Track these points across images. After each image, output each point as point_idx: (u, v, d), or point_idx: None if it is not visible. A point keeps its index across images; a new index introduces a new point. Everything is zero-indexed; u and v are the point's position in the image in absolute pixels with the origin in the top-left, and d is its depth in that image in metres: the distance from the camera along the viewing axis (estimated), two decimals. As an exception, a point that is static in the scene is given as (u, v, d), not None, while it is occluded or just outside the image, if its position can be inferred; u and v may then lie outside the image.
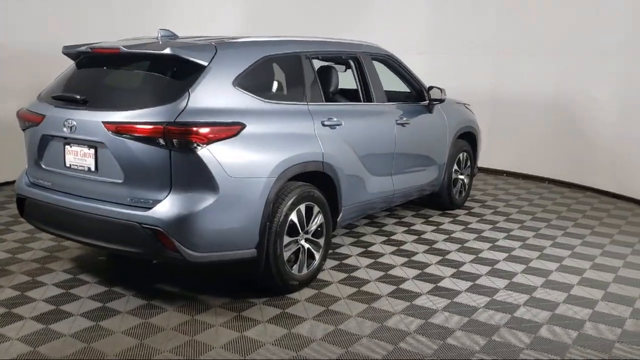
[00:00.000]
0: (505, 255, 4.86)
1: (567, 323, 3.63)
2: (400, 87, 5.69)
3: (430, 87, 5.50)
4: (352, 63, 4.91)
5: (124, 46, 3.73)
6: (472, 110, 6.67)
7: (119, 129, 3.42)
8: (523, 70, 7.77)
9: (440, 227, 5.61)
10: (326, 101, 4.41)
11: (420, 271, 4.43)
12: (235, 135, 3.50)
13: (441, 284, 4.20)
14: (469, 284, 4.21)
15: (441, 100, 5.49)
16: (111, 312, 3.62)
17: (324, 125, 4.18)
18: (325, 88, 4.57)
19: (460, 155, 6.16)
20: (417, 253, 4.84)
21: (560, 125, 7.47)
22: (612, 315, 3.76)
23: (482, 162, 8.25)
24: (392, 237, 5.21)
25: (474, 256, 4.80)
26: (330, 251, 4.63)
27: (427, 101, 5.50)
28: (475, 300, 3.92)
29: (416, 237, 5.27)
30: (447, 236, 5.32)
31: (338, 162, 4.24)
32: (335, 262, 4.53)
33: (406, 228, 5.52)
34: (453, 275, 4.36)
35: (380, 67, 5.29)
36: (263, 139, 3.67)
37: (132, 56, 3.82)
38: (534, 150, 7.79)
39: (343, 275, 4.29)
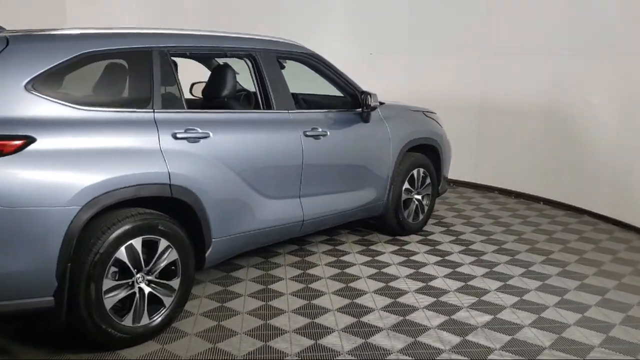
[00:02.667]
0: (435, 314, 3.91)
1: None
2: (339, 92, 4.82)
3: (363, 93, 4.58)
4: (247, 62, 4.07)
5: None
6: (439, 118, 5.70)
7: None
8: (514, 71, 6.69)
9: (376, 258, 4.68)
10: (198, 107, 3.60)
11: (308, 321, 3.55)
12: (14, 152, 2.74)
13: (327, 340, 3.32)
14: (360, 342, 3.31)
15: (373, 108, 4.56)
16: None
17: (177, 138, 3.36)
18: (214, 91, 3.77)
19: (415, 171, 5.20)
20: (322, 295, 3.95)
21: (556, 134, 6.36)
22: None
23: (470, 176, 7.26)
24: (309, 271, 4.33)
25: (391, 301, 3.87)
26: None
27: (362, 109, 4.59)
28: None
29: (338, 271, 4.37)
30: (375, 271, 4.39)
31: (199, 184, 3.41)
32: (218, 289, 3.73)
33: (334, 259, 4.63)
34: (347, 331, 3.47)
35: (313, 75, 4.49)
36: (63, 156, 2.88)
37: None
38: (529, 165, 6.69)
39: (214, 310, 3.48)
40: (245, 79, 4.42)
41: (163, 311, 3.29)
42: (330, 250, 4.86)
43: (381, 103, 5.09)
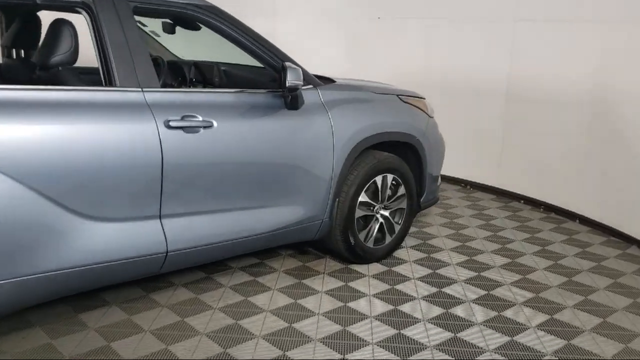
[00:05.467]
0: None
1: None
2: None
3: (284, 67, 3.15)
4: (85, 18, 2.76)
5: None
6: (427, 106, 4.21)
7: None
8: (551, 44, 5.02)
9: (299, 301, 3.32)
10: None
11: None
12: None
13: None
14: None
15: (290, 89, 3.14)
16: None
17: None
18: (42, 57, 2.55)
19: (379, 178, 3.76)
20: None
21: (604, 134, 4.67)
22: None
23: (491, 180, 5.70)
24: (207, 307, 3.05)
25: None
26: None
27: (283, 90, 3.19)
28: None
29: (232, 323, 3.06)
30: (297, 313, 3.04)
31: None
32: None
33: (240, 299, 3.31)
34: None
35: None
36: None
37: None
38: (566, 170, 5.04)
39: None
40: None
41: None
42: (247, 282, 3.54)
43: (329, 81, 3.67)
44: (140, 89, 2.75)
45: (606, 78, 4.61)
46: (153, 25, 4.31)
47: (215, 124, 2.92)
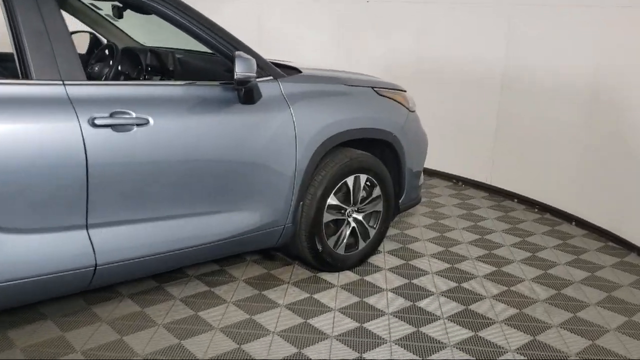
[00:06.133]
0: None
1: None
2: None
3: (234, 57, 2.78)
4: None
5: None
6: (408, 99, 3.85)
7: None
8: (549, 29, 4.62)
9: (255, 317, 3.00)
10: None
11: None
12: None
13: None
14: None
15: (241, 82, 2.78)
16: None
17: None
18: None
19: (350, 179, 3.41)
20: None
21: (603, 130, 4.29)
22: None
23: (484, 176, 5.35)
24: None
25: None
26: None
27: (235, 82, 2.83)
28: None
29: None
30: (251, 332, 2.73)
31: None
32: None
33: (189, 315, 3.00)
34: None
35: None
36: None
37: None
38: (564, 169, 4.67)
39: None
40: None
41: None
42: (201, 294, 3.23)
43: (295, 71, 3.33)
44: (61, 82, 2.41)
45: (609, 68, 4.22)
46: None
47: (151, 121, 2.58)
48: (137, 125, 2.54)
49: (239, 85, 2.79)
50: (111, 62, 3.50)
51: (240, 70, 2.70)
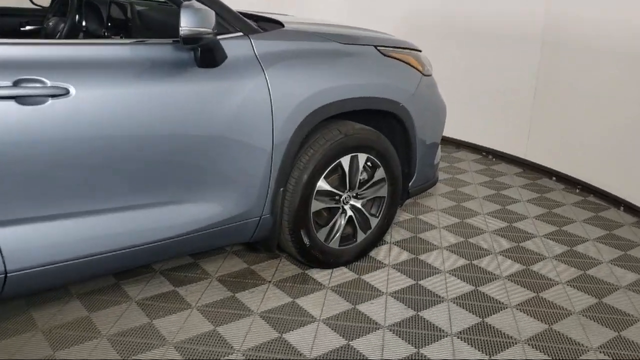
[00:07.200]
0: None
1: None
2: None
3: (182, 6, 2.16)
4: None
5: None
6: (422, 61, 3.18)
7: None
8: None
9: (220, 329, 2.48)
10: None
11: None
12: None
13: None
14: None
15: (189, 39, 2.17)
16: None
17: None
18: None
19: (346, 159, 2.81)
20: None
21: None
22: None
23: (519, 150, 4.69)
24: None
25: None
26: None
27: (180, 40, 2.20)
28: None
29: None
30: (184, 371, 2.22)
31: None
32: None
33: (142, 323, 2.49)
34: None
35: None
36: None
37: None
38: (612, 144, 3.94)
39: None
40: None
41: None
42: (163, 295, 2.71)
43: (276, 26, 2.71)
44: None
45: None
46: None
47: (72, 91, 2.01)
48: (53, 96, 1.98)
49: (186, 44, 2.18)
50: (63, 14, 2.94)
51: (187, 23, 2.09)
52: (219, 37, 2.34)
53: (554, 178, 4.41)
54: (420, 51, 3.22)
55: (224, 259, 3.05)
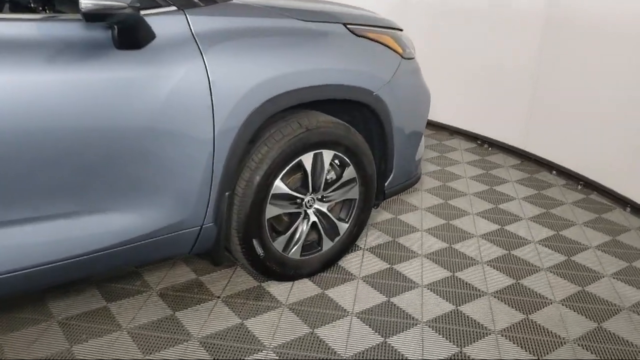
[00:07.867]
0: None
1: None
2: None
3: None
4: None
5: None
6: (403, 42, 2.75)
7: None
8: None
9: (151, 358, 2.10)
10: None
11: None
12: None
13: None
14: None
15: (98, 15, 1.76)
16: None
17: None
18: None
19: (308, 157, 2.40)
20: None
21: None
22: None
23: (518, 140, 4.28)
24: None
25: None
26: None
27: (82, 16, 1.78)
28: None
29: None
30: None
31: None
32: None
33: (61, 349, 2.12)
34: None
35: None
36: None
37: None
38: (620, 136, 3.51)
39: None
40: None
41: None
42: (88, 314, 2.34)
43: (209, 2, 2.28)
44: None
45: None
46: None
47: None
48: None
49: (91, 21, 1.77)
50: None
51: (85, -1, 1.68)
52: (144, 12, 1.93)
53: (554, 172, 4.00)
54: (401, 30, 2.79)
55: (170, 267, 2.67)
